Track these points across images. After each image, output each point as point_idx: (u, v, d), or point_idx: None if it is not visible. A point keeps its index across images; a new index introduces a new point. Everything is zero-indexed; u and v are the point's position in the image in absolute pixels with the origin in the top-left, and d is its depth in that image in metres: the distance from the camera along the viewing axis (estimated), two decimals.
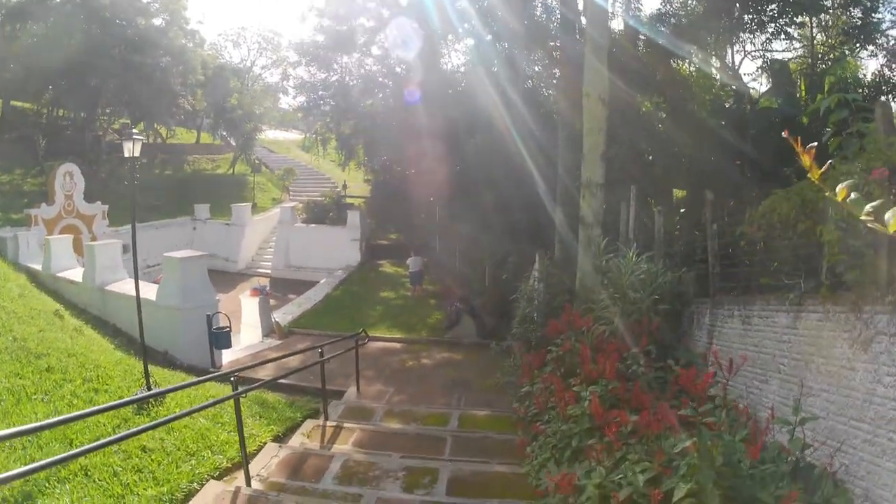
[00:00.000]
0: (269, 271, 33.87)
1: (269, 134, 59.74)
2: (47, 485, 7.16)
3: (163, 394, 10.20)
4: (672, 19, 18.47)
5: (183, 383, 9.89)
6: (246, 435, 9.56)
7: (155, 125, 50.91)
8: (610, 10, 16.69)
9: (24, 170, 38.05)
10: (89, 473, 7.55)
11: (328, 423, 10.53)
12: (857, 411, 4.98)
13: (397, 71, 29.85)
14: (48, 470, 7.20)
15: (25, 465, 6.85)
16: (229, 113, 50.38)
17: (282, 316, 22.21)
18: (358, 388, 13.94)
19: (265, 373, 15.14)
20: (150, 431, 8.62)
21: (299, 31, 77.32)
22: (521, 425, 8.71)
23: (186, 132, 58.09)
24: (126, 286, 19.02)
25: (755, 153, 15.20)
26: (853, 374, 5.07)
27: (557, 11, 18.10)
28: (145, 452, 8.31)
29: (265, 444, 9.47)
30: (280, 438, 10.18)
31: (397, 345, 19.19)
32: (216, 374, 10.73)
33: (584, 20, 14.32)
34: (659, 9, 19.08)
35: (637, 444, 5.63)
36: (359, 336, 14.59)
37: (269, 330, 21.33)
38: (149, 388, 10.90)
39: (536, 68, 22.32)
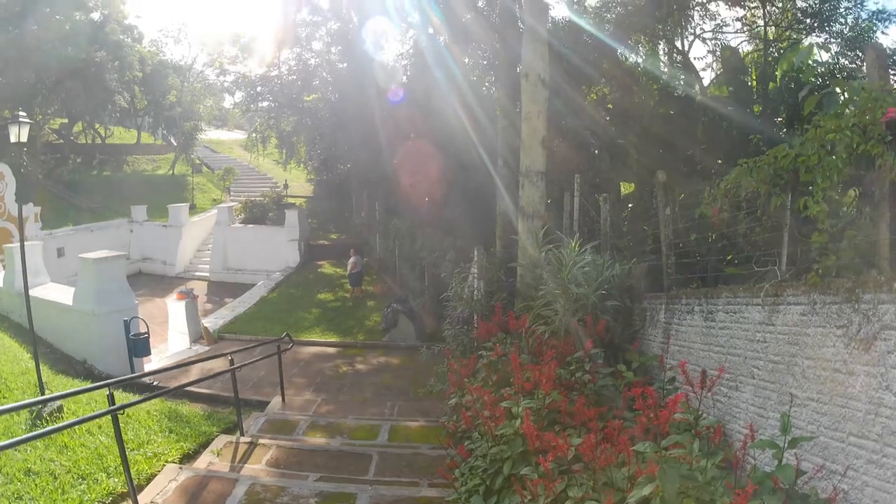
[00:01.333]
0: (207, 274, 32.45)
1: (212, 134, 58.51)
2: None
3: (45, 402, 9.04)
4: (617, 8, 17.68)
5: (73, 390, 8.75)
6: (149, 454, 8.53)
7: (95, 125, 49.32)
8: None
9: None
10: None
11: (243, 440, 9.29)
12: (859, 426, 3.90)
13: (338, 66, 28.71)
14: None
15: None
16: (168, 111, 49.10)
17: (213, 321, 20.98)
18: (283, 398, 12.72)
19: (186, 380, 13.97)
20: (40, 452, 7.77)
21: (236, 22, 75.37)
22: (450, 442, 7.52)
23: (126, 132, 56.54)
24: (47, 291, 18.15)
25: (706, 142, 14.38)
26: (851, 380, 3.99)
27: (498, 3, 17.27)
28: (29, 476, 7.21)
29: (164, 466, 8.21)
30: (190, 457, 9.01)
31: (332, 349, 18.03)
32: (110, 381, 9.49)
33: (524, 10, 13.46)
34: None
35: (582, 474, 4.50)
36: (282, 340, 13.31)
37: (198, 336, 20.08)
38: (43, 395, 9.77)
39: (480, 61, 21.50)
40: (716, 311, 6.02)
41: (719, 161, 13.53)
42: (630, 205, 14.68)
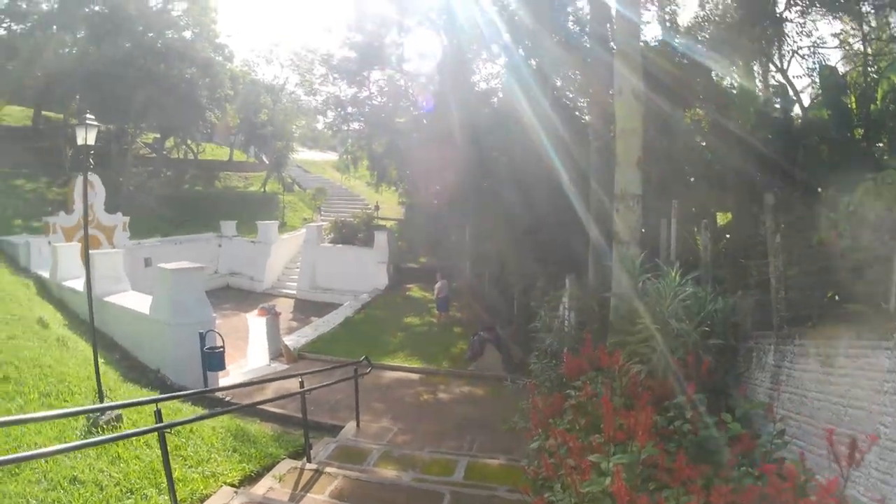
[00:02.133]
0: (294, 292, 32.83)
1: (305, 154, 59.42)
2: None
3: (99, 410, 8.93)
4: (710, 27, 16.91)
5: (121, 402, 8.64)
6: (207, 473, 8.17)
7: (188, 141, 50.65)
8: (643, 19, 15.40)
9: (50, 179, 38.09)
10: None
11: (308, 466, 8.84)
12: None
13: (429, 88, 28.49)
14: None
15: None
16: (260, 129, 49.88)
17: (295, 339, 21.06)
18: (358, 424, 12.35)
19: (260, 398, 13.89)
20: (90, 460, 7.52)
21: (327, 43, 76.34)
22: (528, 489, 6.85)
23: (218, 148, 58.00)
24: (126, 298, 18.33)
25: (807, 168, 13.43)
26: None
27: (588, 26, 16.75)
28: (73, 484, 6.95)
29: (220, 488, 7.87)
30: (252, 479, 8.62)
31: (414, 375, 17.64)
32: (161, 397, 9.26)
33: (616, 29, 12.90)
34: (696, 16, 17.61)
35: None
36: (361, 364, 12.93)
37: (277, 353, 20.12)
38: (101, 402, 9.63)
39: (570, 83, 20.98)
40: (835, 356, 5.29)
41: (819, 189, 12.61)
42: (727, 235, 13.78)
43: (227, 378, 16.96)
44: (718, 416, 5.71)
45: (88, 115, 10.49)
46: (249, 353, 20.77)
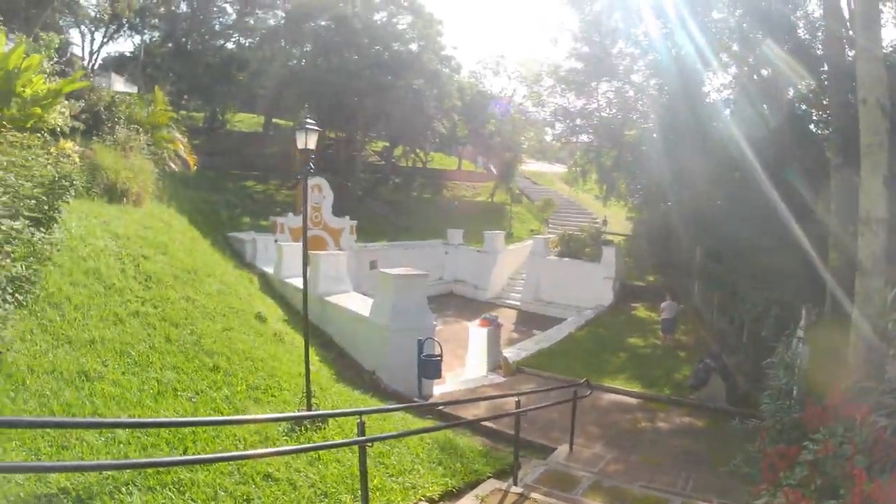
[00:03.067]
0: (517, 303, 32.80)
1: (533, 165, 59.68)
2: (122, 490, 6.29)
3: (306, 418, 9.13)
4: None
5: (325, 412, 8.79)
6: (407, 484, 8.19)
7: (417, 150, 52.26)
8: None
9: (280, 181, 40.64)
10: (183, 489, 6.55)
11: (513, 490, 8.61)
12: None
13: (660, 101, 27.51)
14: (134, 473, 6.52)
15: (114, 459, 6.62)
16: (488, 140, 50.55)
17: (515, 352, 20.87)
18: (570, 448, 11.90)
19: (476, 411, 14.11)
20: (286, 458, 7.71)
21: (553, 54, 76.22)
22: None
23: (446, 158, 59.46)
24: (347, 299, 19.04)
25: None
26: None
27: (821, 31, 15.47)
28: (266, 481, 7.17)
29: (418, 502, 7.82)
30: (452, 496, 8.56)
31: (633, 400, 16.89)
32: (379, 409, 9.29)
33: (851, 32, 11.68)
34: None
35: None
36: (580, 385, 12.54)
37: (496, 365, 19.93)
38: (309, 408, 9.84)
39: (803, 95, 19.58)
40: None
41: None
42: None
43: (443, 386, 17.05)
44: None
45: (308, 120, 10.66)
46: (468, 363, 20.86)
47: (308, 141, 10.44)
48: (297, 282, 20.38)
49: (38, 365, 8.28)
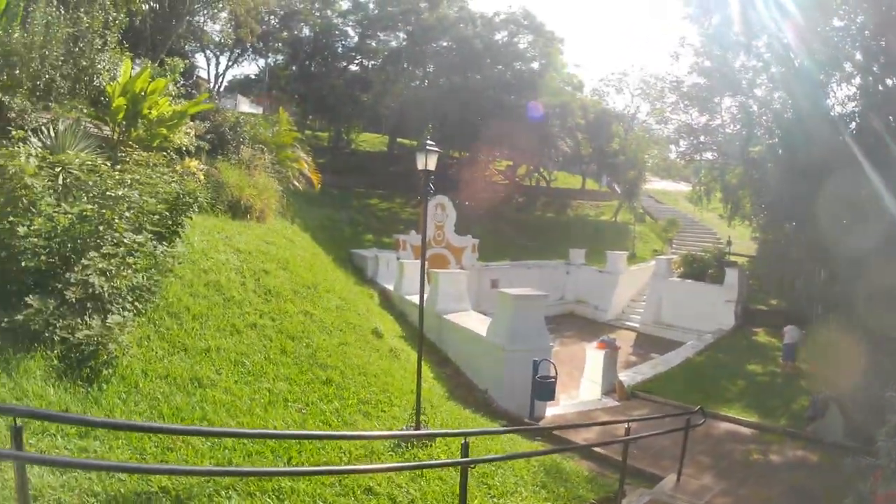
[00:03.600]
0: (637, 325, 32.29)
1: (657, 184, 58.51)
2: (221, 493, 6.60)
3: (415, 437, 9.24)
4: None
5: (442, 431, 8.83)
6: None
7: (540, 169, 52.17)
8: None
9: (404, 200, 41.53)
10: (283, 497, 6.81)
11: None
12: None
13: (783, 115, 26.50)
14: (235, 480, 6.82)
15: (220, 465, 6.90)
16: (611, 159, 50.07)
17: (631, 375, 20.65)
18: (678, 478, 11.61)
19: (587, 435, 13.94)
20: (390, 474, 7.92)
21: (674, 69, 74.48)
22: None
23: (570, 177, 59.25)
24: (465, 318, 19.22)
25: None
26: None
27: None
28: (368, 495, 7.34)
29: None
30: None
31: (746, 430, 16.23)
32: (485, 431, 9.31)
33: None
34: None
35: None
36: (694, 413, 12.19)
37: (611, 388, 19.67)
38: (417, 426, 9.98)
39: None
40: None
41: None
42: None
43: (555, 408, 16.97)
44: None
45: (429, 141, 10.98)
46: (582, 385, 20.53)
47: (428, 162, 10.77)
48: (416, 299, 20.77)
49: (152, 370, 8.78)
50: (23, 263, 8.72)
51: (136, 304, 9.96)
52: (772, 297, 31.47)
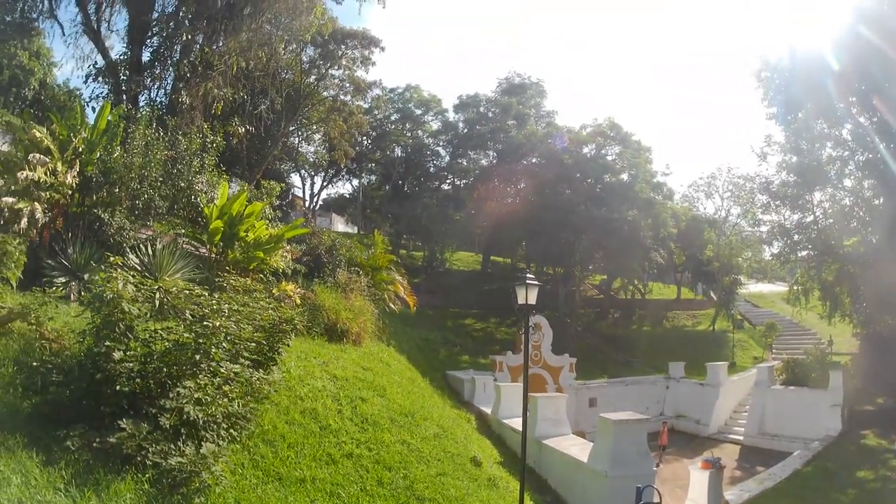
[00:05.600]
0: (740, 437, 30.40)
1: (753, 287, 56.75)
2: None
3: None
4: None
5: None
6: None
7: (635, 281, 51.45)
8: None
9: (499, 319, 41.31)
10: None
11: None
12: None
13: (874, 203, 25.41)
14: None
15: None
16: (706, 266, 49.29)
17: (737, 493, 19.20)
18: None
19: None
20: None
21: (761, 169, 73.19)
22: None
23: (665, 287, 58.60)
24: (565, 442, 18.29)
25: None
26: None
27: None
28: None
29: None
30: None
31: None
32: None
33: None
34: None
35: None
36: None
37: None
38: None
39: None
40: None
41: None
42: None
43: None
44: None
45: (529, 276, 11.26)
46: None
47: (528, 296, 10.61)
48: (515, 423, 20.13)
49: (245, 499, 8.69)
50: (118, 387, 8.82)
51: (231, 431, 9.98)
52: (878, 395, 29.45)
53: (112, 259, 11.54)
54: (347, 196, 67.27)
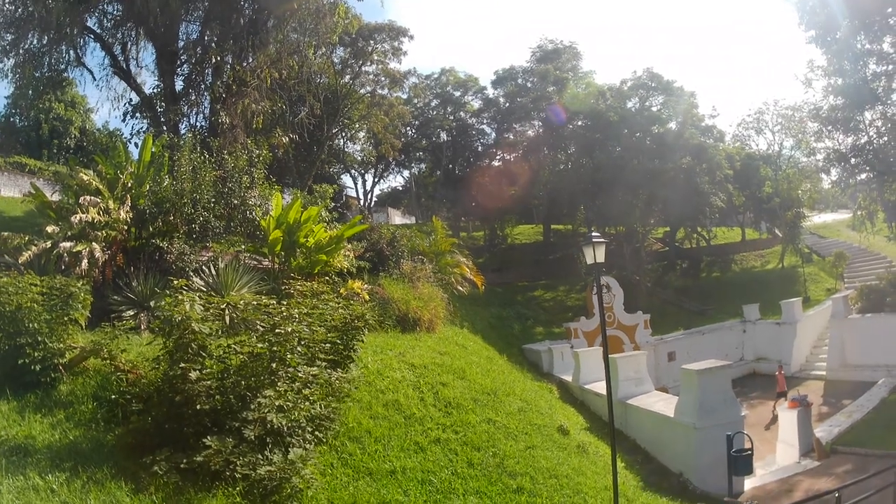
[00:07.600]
0: (824, 373, 29.78)
1: (816, 218, 55.56)
2: None
3: None
4: None
5: None
6: None
7: (698, 229, 50.83)
8: None
9: (567, 286, 41.28)
10: None
11: None
12: None
13: None
14: None
15: None
16: (766, 203, 48.43)
17: (826, 429, 18.81)
18: None
19: None
20: None
21: (808, 97, 71.67)
22: None
23: (729, 231, 57.67)
24: (649, 400, 18.55)
25: None
26: None
27: None
28: None
29: None
30: None
31: None
32: None
33: None
34: None
35: None
36: None
37: (808, 448, 18.13)
38: None
39: None
40: None
41: None
42: None
43: (753, 479, 15.85)
44: None
45: (594, 234, 11.21)
46: (778, 448, 19.27)
47: (597, 254, 10.71)
48: (597, 387, 20.64)
49: (338, 498, 8.97)
50: (198, 406, 9.11)
51: (317, 433, 10.28)
52: None
53: (176, 283, 11.90)
54: (400, 188, 67.69)
